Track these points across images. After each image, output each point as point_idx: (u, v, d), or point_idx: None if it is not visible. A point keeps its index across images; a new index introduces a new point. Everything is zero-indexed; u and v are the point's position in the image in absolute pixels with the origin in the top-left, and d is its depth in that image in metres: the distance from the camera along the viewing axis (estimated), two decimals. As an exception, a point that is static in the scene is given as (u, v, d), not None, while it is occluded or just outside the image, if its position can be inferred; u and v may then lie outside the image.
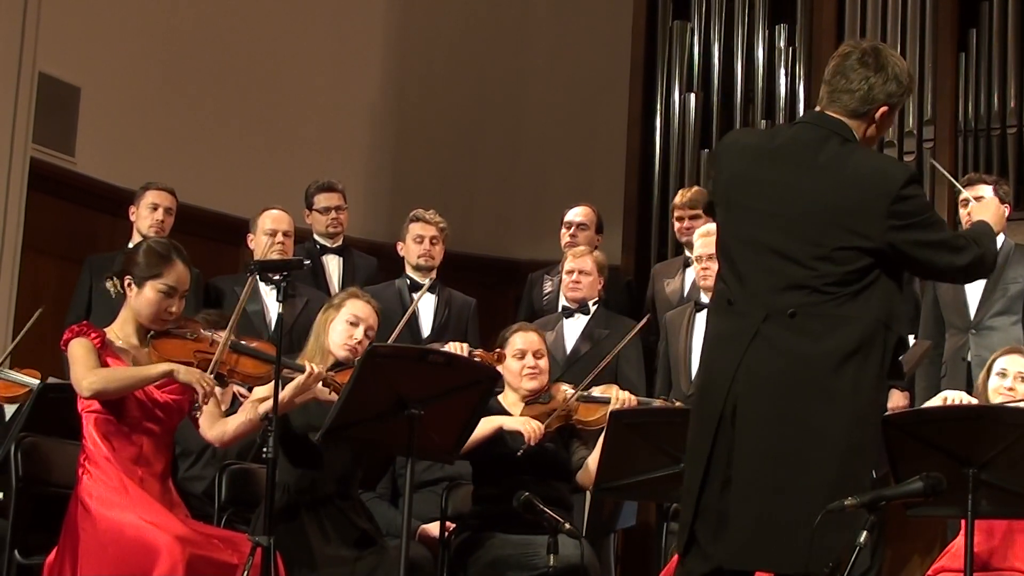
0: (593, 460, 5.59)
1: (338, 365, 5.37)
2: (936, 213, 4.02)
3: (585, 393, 5.80)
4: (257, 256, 7.16)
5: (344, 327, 5.44)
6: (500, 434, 5.61)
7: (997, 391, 5.75)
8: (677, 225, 7.83)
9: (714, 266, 6.65)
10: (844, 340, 3.83)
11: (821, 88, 4.08)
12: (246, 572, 4.50)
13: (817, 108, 4.08)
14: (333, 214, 7.68)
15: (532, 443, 5.55)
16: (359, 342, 5.40)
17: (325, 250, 7.67)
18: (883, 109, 4.00)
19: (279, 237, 7.17)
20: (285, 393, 4.88)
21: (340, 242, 7.76)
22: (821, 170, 3.91)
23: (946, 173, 5.68)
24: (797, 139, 4.03)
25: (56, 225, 8.53)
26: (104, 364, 4.78)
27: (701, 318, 6.97)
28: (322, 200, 7.70)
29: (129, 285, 4.91)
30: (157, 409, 4.84)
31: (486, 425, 5.53)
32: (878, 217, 3.84)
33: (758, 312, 3.89)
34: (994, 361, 5.89)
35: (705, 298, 7.01)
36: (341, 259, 7.72)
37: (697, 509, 3.88)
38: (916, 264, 3.95)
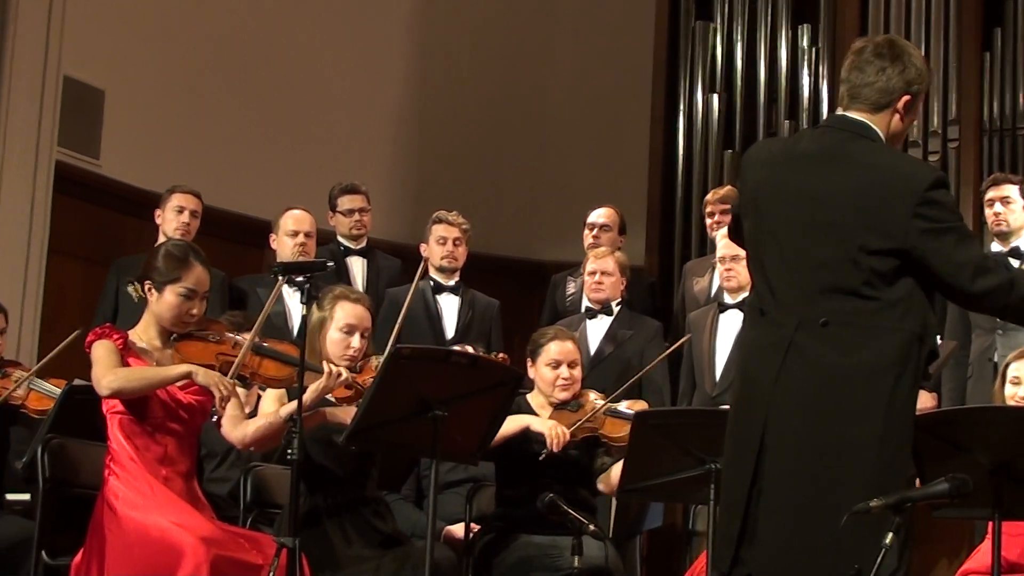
0: (616, 469, 5.52)
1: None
2: (966, 225, 3.93)
3: (613, 406, 5.75)
4: (280, 257, 7.17)
5: (339, 337, 5.28)
6: (526, 434, 5.58)
7: (1012, 399, 5.72)
8: (708, 221, 7.83)
9: (737, 267, 6.72)
10: (878, 353, 3.79)
11: (840, 89, 4.05)
12: (271, 573, 4.50)
13: (839, 110, 4.04)
14: (357, 216, 7.68)
15: (554, 449, 5.51)
16: (358, 349, 5.28)
17: (349, 252, 7.67)
18: (905, 98, 3.95)
19: (300, 238, 7.19)
20: (306, 397, 4.86)
21: (364, 244, 7.76)
22: (846, 171, 3.87)
23: None
24: (820, 142, 3.99)
25: (81, 228, 8.56)
26: (126, 365, 4.80)
27: (725, 319, 6.96)
28: (345, 202, 7.70)
29: (150, 290, 4.91)
30: (180, 409, 4.85)
31: (513, 423, 5.50)
32: (903, 216, 3.78)
33: (790, 321, 3.86)
34: (1007, 367, 5.86)
35: (728, 299, 7.00)
36: (365, 261, 7.72)
37: (744, 524, 3.85)
38: (937, 279, 3.85)
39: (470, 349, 6.10)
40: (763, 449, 3.84)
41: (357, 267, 7.67)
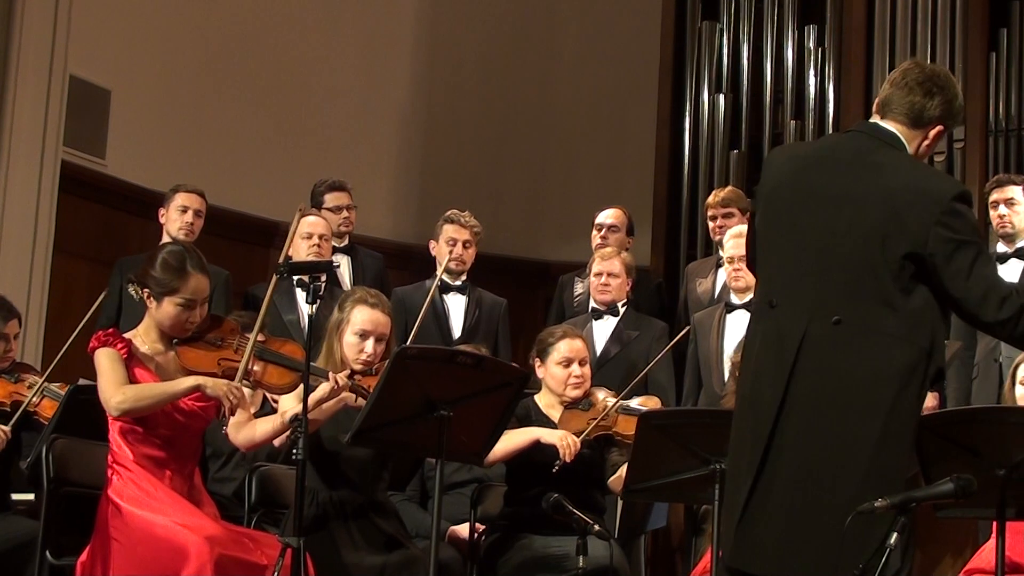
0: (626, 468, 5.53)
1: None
2: (984, 246, 3.97)
3: (625, 403, 5.75)
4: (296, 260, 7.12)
5: (354, 341, 5.25)
6: (536, 446, 5.57)
7: (1022, 399, 5.72)
8: (711, 224, 7.84)
9: (746, 267, 6.68)
10: (887, 363, 3.83)
11: (878, 100, 4.10)
12: (276, 573, 4.50)
13: (873, 118, 4.10)
14: (344, 213, 7.66)
15: (568, 460, 5.49)
16: (371, 354, 5.24)
17: (333, 250, 7.61)
18: (939, 128, 4.05)
19: (315, 240, 7.15)
20: (310, 401, 4.83)
21: (346, 242, 7.73)
22: (876, 176, 3.92)
23: None
24: (848, 146, 4.05)
25: (87, 227, 8.57)
26: (131, 375, 4.78)
27: (732, 319, 6.95)
28: (332, 199, 7.68)
29: (148, 298, 4.89)
30: (181, 416, 4.82)
31: (522, 436, 5.50)
32: (928, 222, 3.82)
33: (802, 315, 3.90)
34: (1016, 368, 5.85)
35: (736, 299, 6.99)
36: (349, 258, 7.69)
37: (744, 512, 3.90)
38: (947, 293, 3.88)
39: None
40: (771, 446, 3.88)
41: (343, 265, 7.63)
